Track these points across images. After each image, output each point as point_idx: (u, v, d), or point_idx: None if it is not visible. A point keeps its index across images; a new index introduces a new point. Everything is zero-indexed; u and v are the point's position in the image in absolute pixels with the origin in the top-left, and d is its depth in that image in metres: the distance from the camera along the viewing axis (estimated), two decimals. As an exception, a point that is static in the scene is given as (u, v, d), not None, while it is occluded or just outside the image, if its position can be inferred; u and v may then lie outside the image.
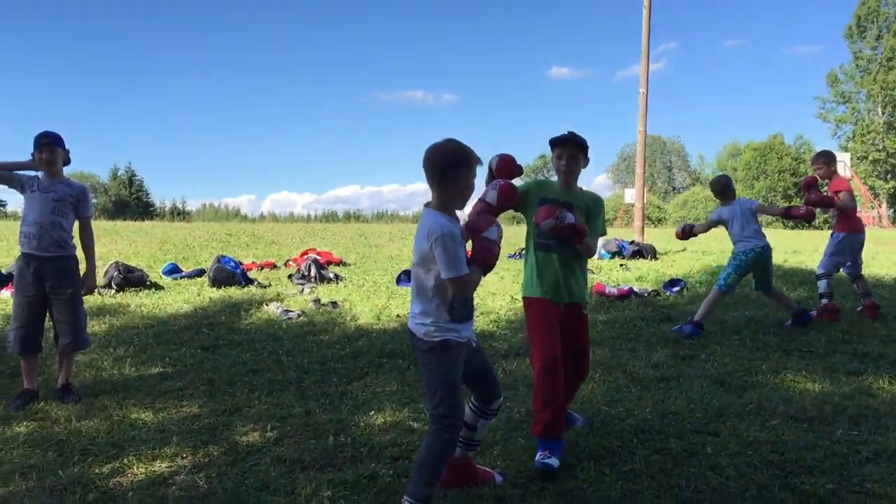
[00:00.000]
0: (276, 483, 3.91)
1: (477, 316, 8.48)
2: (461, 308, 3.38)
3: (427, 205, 3.39)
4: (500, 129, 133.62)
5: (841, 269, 8.58)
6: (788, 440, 4.43)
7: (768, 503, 3.59)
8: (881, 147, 60.91)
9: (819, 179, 8.28)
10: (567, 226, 4.00)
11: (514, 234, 23.53)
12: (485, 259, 3.33)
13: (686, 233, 8.00)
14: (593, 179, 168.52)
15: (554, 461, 3.95)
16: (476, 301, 9.23)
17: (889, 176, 59.53)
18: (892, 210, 59.37)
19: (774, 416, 4.85)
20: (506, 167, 4.09)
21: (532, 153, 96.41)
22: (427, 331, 3.36)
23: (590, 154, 4.34)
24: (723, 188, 8.01)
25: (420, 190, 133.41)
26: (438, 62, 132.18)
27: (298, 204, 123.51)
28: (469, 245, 3.41)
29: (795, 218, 7.90)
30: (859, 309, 8.62)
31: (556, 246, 4.23)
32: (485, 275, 3.41)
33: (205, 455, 4.38)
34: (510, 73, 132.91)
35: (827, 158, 8.36)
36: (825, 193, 8.23)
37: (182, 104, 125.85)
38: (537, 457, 4.00)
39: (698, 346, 7.04)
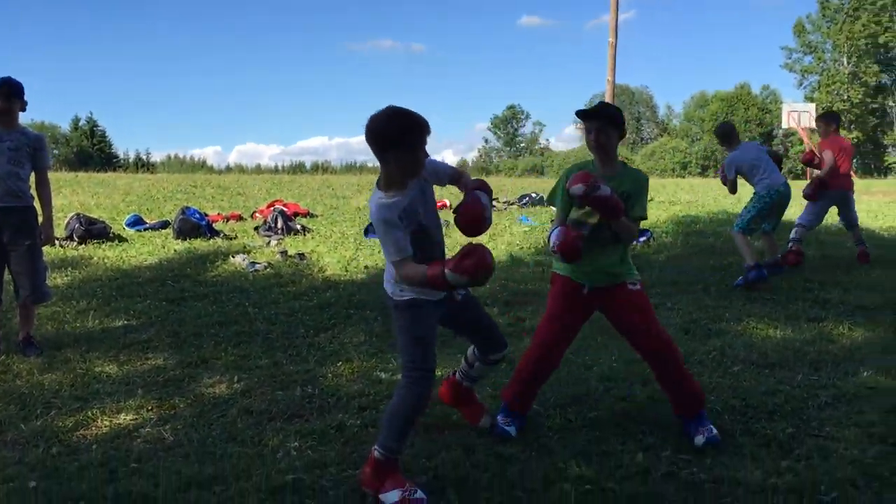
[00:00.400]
0: (242, 434, 3.91)
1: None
2: None
3: (377, 181, 3.23)
4: (469, 78, 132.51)
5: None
6: (750, 386, 4.51)
7: (730, 448, 3.66)
8: (846, 97, 61.41)
9: (812, 156, 8.78)
10: (598, 197, 3.51)
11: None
12: (432, 280, 3.06)
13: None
14: (562, 130, 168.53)
15: (512, 430, 3.86)
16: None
17: (853, 126, 60.13)
18: (855, 160, 60.13)
19: (737, 363, 4.93)
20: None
21: (501, 103, 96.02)
22: (394, 290, 3.35)
23: (621, 123, 3.82)
24: (726, 134, 8.00)
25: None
26: (406, 11, 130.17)
27: (265, 155, 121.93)
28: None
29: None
30: (857, 255, 8.92)
31: (593, 231, 3.76)
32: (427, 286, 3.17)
33: (170, 407, 4.36)
34: (480, 21, 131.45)
35: (826, 120, 8.86)
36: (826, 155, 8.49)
37: (146, 53, 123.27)
38: (498, 419, 3.93)
39: (664, 295, 7.11)
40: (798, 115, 49.12)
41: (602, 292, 3.85)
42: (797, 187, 8.59)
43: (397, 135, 3.06)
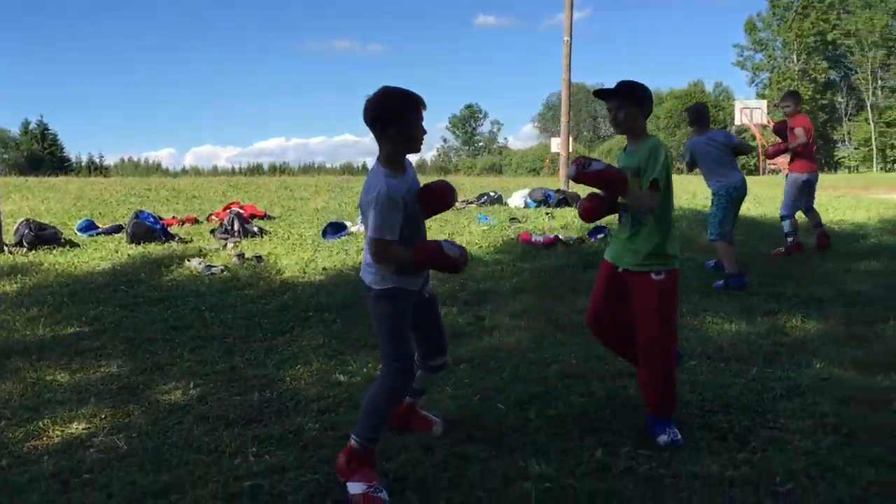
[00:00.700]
0: (199, 441, 3.84)
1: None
2: None
3: (378, 158, 3.27)
4: (426, 78, 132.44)
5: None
6: (706, 379, 4.56)
7: (688, 442, 3.69)
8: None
9: (784, 125, 8.96)
10: (591, 173, 3.59)
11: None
12: (421, 254, 3.22)
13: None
14: (520, 129, 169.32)
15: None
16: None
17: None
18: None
19: (693, 357, 4.98)
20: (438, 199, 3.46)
21: (458, 103, 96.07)
22: (373, 279, 3.34)
23: (642, 98, 3.79)
24: (699, 115, 7.89)
25: (348, 141, 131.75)
26: (363, 11, 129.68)
27: (222, 157, 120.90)
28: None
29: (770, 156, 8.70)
30: (815, 245, 9.24)
31: (623, 208, 3.81)
32: (416, 270, 3.32)
33: (124, 415, 4.27)
34: (436, 21, 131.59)
35: (795, 98, 9.10)
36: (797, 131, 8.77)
37: (99, 56, 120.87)
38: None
39: (621, 291, 7.16)
40: (750, 111, 50.02)
41: (629, 275, 3.80)
42: (751, 182, 8.71)
43: (395, 110, 3.15)
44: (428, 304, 3.57)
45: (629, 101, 3.78)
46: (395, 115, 3.16)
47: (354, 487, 3.19)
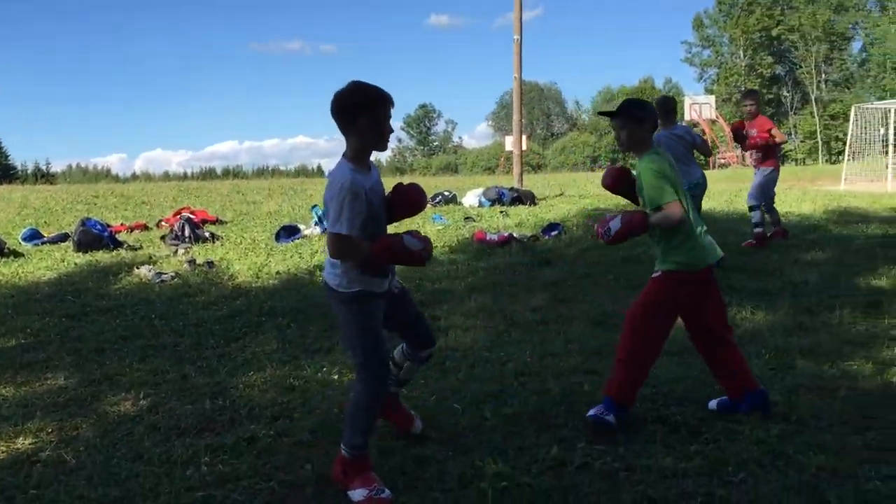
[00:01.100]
0: (150, 452, 3.76)
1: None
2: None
3: (343, 154, 3.25)
4: (380, 78, 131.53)
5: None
6: (661, 374, 4.60)
7: (642, 435, 3.72)
8: (743, 89, 63.76)
9: (743, 125, 9.14)
10: (617, 235, 3.84)
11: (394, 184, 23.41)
12: (381, 249, 3.19)
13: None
14: (474, 128, 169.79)
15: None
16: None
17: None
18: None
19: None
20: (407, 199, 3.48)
21: (412, 103, 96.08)
22: (339, 282, 3.29)
23: (641, 118, 3.89)
24: (669, 109, 8.12)
25: (302, 143, 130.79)
26: (315, 12, 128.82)
27: (173, 162, 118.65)
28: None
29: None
30: (770, 234, 9.45)
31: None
32: (372, 267, 3.25)
33: (72, 428, 4.17)
34: (389, 21, 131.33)
35: (757, 97, 9.39)
36: (753, 133, 9.01)
37: (44, 60, 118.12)
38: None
39: (576, 288, 7.22)
40: (700, 107, 50.89)
41: None
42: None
43: (362, 103, 3.12)
44: (400, 299, 3.52)
45: (628, 118, 3.90)
46: (364, 109, 3.13)
47: (356, 495, 3.19)
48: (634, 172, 4.04)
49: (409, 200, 3.42)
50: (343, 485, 3.26)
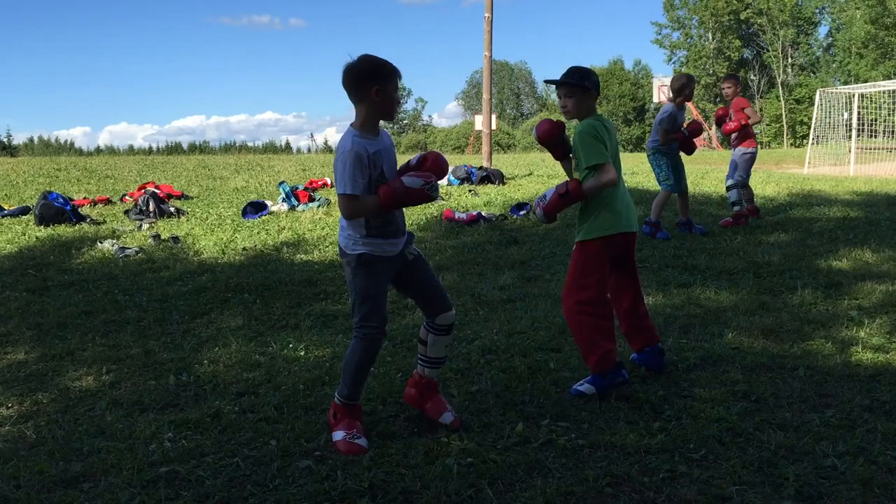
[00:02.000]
0: (112, 428, 3.73)
1: (326, 246, 8.36)
2: (381, 224, 3.43)
3: (351, 123, 3.43)
4: (349, 54, 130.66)
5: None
6: (624, 351, 4.64)
7: (605, 412, 3.76)
8: (711, 72, 64.31)
9: (726, 112, 9.49)
10: (552, 203, 4.04)
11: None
12: (384, 195, 3.29)
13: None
14: (444, 107, 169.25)
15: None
16: (325, 231, 9.07)
17: (718, 100, 63.02)
18: (720, 132, 63.16)
19: (612, 330, 5.06)
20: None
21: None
22: (346, 243, 3.46)
23: (586, 87, 4.01)
24: (680, 87, 8.68)
25: (269, 120, 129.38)
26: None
27: (139, 136, 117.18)
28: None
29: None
30: (743, 211, 9.53)
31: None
32: (385, 211, 3.37)
33: (33, 403, 4.12)
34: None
35: (736, 80, 9.67)
36: (729, 111, 9.41)
37: (6, 30, 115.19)
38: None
39: (543, 267, 7.25)
40: (668, 89, 51.10)
41: None
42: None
43: (373, 73, 3.32)
44: (415, 265, 3.63)
45: (574, 87, 4.03)
46: (374, 79, 3.32)
47: (336, 435, 3.47)
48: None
49: (432, 168, 3.51)
50: (330, 426, 3.53)
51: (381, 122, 3.48)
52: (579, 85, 4.01)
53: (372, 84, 3.32)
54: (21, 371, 4.62)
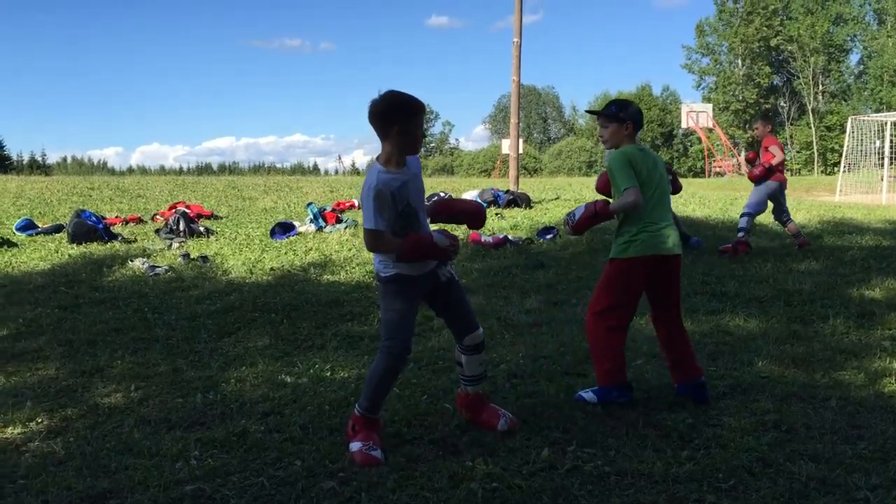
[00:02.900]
0: (139, 445, 3.75)
1: (353, 267, 8.40)
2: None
3: (377, 156, 3.55)
4: (378, 78, 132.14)
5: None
6: (652, 378, 4.61)
7: (633, 439, 3.72)
8: (741, 98, 64.03)
9: (755, 156, 9.61)
10: (579, 220, 4.25)
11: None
12: (411, 246, 3.44)
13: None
14: (472, 131, 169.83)
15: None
16: (352, 252, 9.13)
17: (748, 126, 62.70)
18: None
19: (639, 356, 5.03)
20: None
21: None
22: (380, 267, 3.62)
23: (622, 119, 4.21)
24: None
25: (298, 142, 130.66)
26: (315, 10, 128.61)
27: (170, 156, 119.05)
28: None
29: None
30: (796, 247, 9.62)
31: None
32: (406, 259, 3.49)
33: (62, 419, 4.16)
34: (388, 21, 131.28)
35: (764, 121, 9.89)
36: (758, 154, 9.59)
37: (43, 51, 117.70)
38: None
39: (569, 291, 7.22)
40: (696, 115, 51.01)
41: None
42: (696, 184, 8.87)
43: (397, 111, 3.42)
44: (446, 287, 3.74)
45: (608, 118, 4.25)
46: (398, 118, 3.41)
47: (353, 446, 3.54)
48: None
49: (471, 219, 3.82)
50: (348, 438, 3.59)
51: None
52: (615, 116, 4.23)
53: (395, 122, 3.41)
54: (51, 387, 4.67)
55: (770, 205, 9.57)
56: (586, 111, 6.99)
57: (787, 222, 9.71)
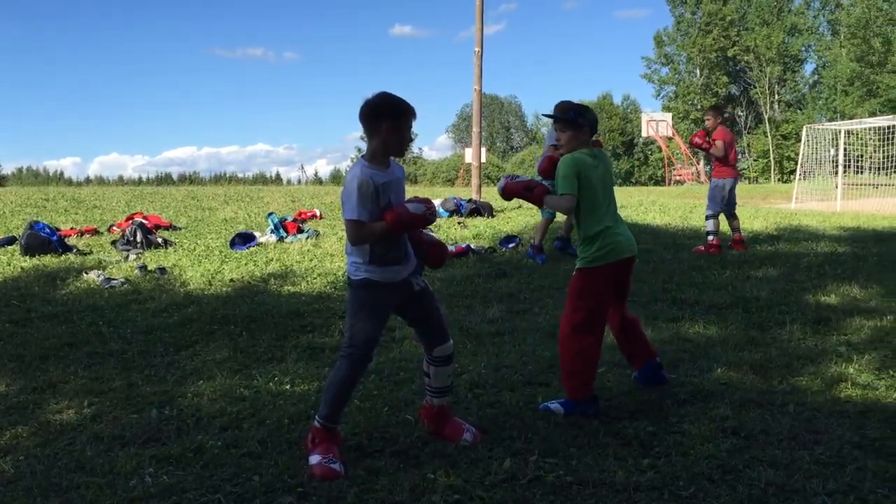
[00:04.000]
0: (91, 462, 3.65)
1: (314, 277, 8.32)
2: (384, 252, 3.56)
3: (362, 155, 3.60)
4: (341, 87, 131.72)
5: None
6: (613, 386, 4.62)
7: (594, 448, 3.72)
8: (699, 107, 64.93)
9: (704, 136, 9.91)
10: (515, 184, 4.27)
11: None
12: (391, 218, 3.46)
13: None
14: (435, 140, 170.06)
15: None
16: (314, 262, 9.05)
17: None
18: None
19: (601, 364, 5.01)
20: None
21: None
22: (350, 269, 3.63)
23: (580, 125, 4.27)
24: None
25: (261, 151, 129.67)
26: (279, 19, 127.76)
27: (129, 167, 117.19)
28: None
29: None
30: (729, 245, 10.19)
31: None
32: (391, 235, 3.52)
33: (12, 437, 4.04)
34: (351, 30, 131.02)
35: (715, 112, 10.28)
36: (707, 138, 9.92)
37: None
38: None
39: (532, 300, 7.23)
40: (656, 124, 51.66)
41: None
42: (657, 192, 8.96)
43: (387, 110, 3.48)
44: (419, 296, 3.74)
45: (563, 122, 4.29)
46: (388, 116, 3.48)
47: (312, 459, 3.50)
48: None
49: (432, 255, 3.81)
50: (307, 450, 3.55)
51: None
52: (573, 122, 4.25)
53: (385, 120, 3.48)
54: (1, 404, 4.54)
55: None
56: (543, 115, 6.90)
57: (732, 219, 10.27)
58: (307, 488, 3.33)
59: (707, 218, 10.16)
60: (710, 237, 9.99)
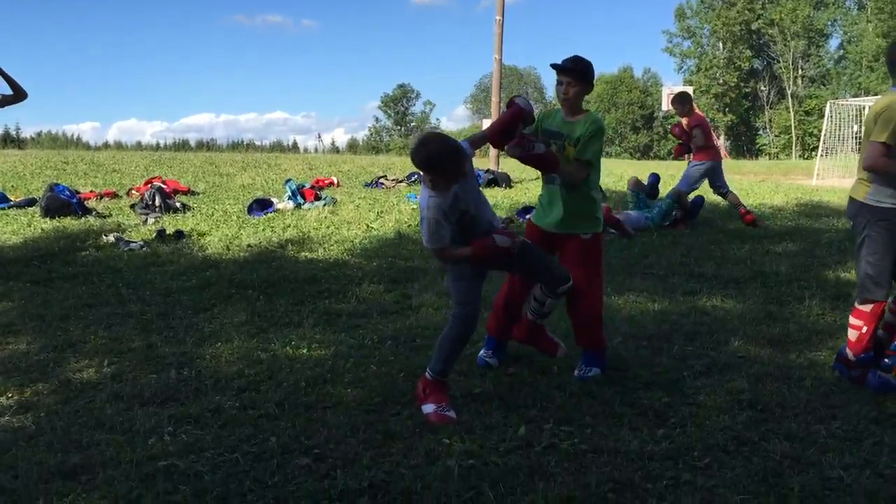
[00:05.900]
0: (111, 420, 3.70)
1: (331, 244, 8.34)
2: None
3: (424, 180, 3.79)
4: (360, 56, 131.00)
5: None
6: (629, 357, 4.62)
7: (609, 417, 3.73)
8: (722, 81, 64.12)
9: (681, 130, 9.72)
10: (534, 156, 4.09)
11: (370, 162, 23.27)
12: (477, 250, 3.74)
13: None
14: (453, 110, 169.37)
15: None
16: (331, 229, 9.07)
17: (728, 109, 62.96)
18: (729, 142, 63.03)
19: (617, 335, 5.03)
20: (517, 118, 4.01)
21: (391, 82, 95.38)
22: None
23: (592, 80, 4.27)
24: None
25: (279, 119, 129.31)
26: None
27: (147, 132, 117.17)
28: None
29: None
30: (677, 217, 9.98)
31: (548, 177, 4.34)
32: (477, 263, 3.85)
33: (33, 394, 4.09)
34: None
35: (681, 100, 9.88)
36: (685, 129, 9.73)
37: (15, 22, 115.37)
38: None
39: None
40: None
41: (556, 238, 4.33)
42: (676, 167, 8.90)
43: (443, 161, 3.61)
44: (521, 255, 3.96)
45: (577, 77, 4.15)
46: (445, 164, 3.61)
47: (427, 408, 3.74)
48: (553, 128, 4.28)
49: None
50: (420, 401, 3.79)
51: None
52: (585, 76, 4.18)
53: (444, 168, 3.62)
54: (22, 361, 4.60)
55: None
56: (551, 65, 4.27)
57: (727, 194, 10.16)
58: (323, 450, 3.37)
59: (668, 196, 9.93)
60: (674, 213, 9.89)
